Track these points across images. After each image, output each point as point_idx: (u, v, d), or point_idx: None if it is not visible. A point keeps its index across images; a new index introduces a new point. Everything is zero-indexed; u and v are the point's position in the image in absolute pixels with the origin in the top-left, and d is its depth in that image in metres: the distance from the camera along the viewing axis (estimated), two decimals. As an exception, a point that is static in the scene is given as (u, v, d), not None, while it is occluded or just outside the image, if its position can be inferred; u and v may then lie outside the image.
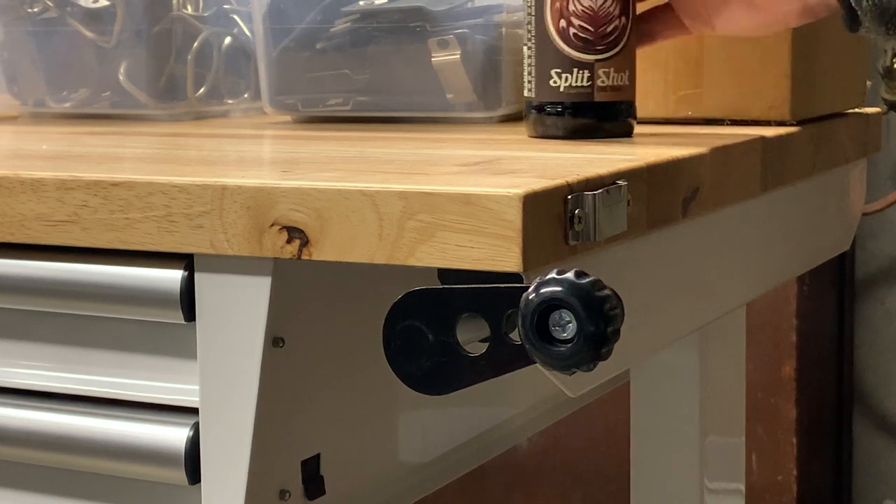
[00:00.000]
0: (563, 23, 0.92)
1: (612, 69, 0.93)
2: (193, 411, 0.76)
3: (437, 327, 0.66)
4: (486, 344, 0.66)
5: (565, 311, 0.62)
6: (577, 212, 0.68)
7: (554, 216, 0.67)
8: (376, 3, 1.12)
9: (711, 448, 1.23)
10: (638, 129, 0.97)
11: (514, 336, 0.64)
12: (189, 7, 1.24)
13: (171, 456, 0.76)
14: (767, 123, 1.04)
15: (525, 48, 0.95)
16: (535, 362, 0.64)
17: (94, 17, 1.22)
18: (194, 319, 0.75)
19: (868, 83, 1.26)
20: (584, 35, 0.92)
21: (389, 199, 0.67)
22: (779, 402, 2.09)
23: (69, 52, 1.24)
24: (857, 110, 1.21)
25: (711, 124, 1.05)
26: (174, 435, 0.76)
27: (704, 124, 1.06)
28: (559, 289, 0.62)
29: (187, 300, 0.75)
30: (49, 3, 1.23)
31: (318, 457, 0.81)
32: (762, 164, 0.96)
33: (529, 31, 0.94)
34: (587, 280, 0.62)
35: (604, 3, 0.92)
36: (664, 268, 0.87)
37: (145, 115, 1.23)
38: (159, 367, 0.78)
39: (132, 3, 1.20)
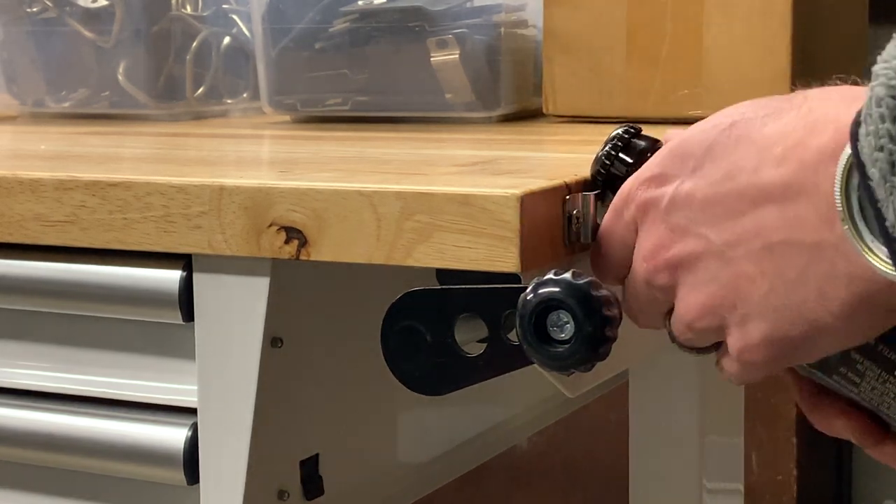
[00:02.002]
0: None
1: None
2: (192, 411, 0.76)
3: (435, 328, 0.66)
4: (485, 344, 0.66)
5: (563, 311, 0.62)
6: (574, 212, 0.68)
7: (552, 217, 0.67)
8: (375, 2, 1.12)
9: (711, 448, 1.23)
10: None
11: (513, 336, 0.64)
12: (188, 7, 1.24)
13: (170, 456, 0.76)
14: (767, 123, 1.04)
15: None
16: (534, 363, 0.64)
17: (93, 17, 1.22)
18: (192, 320, 0.75)
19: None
20: None
21: (387, 200, 0.67)
22: (779, 402, 2.08)
23: (68, 51, 1.24)
24: (856, 110, 1.21)
25: (710, 124, 1.05)
26: (173, 435, 0.76)
27: (704, 124, 1.05)
28: (557, 289, 0.62)
29: (185, 300, 0.75)
30: (48, 3, 1.23)
31: (316, 457, 0.81)
32: (761, 164, 0.96)
33: None
34: (585, 280, 0.62)
35: None
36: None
37: (144, 115, 1.22)
38: (158, 368, 0.78)
39: (131, 3, 1.20)
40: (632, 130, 0.68)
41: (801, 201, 0.57)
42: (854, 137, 0.53)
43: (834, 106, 0.57)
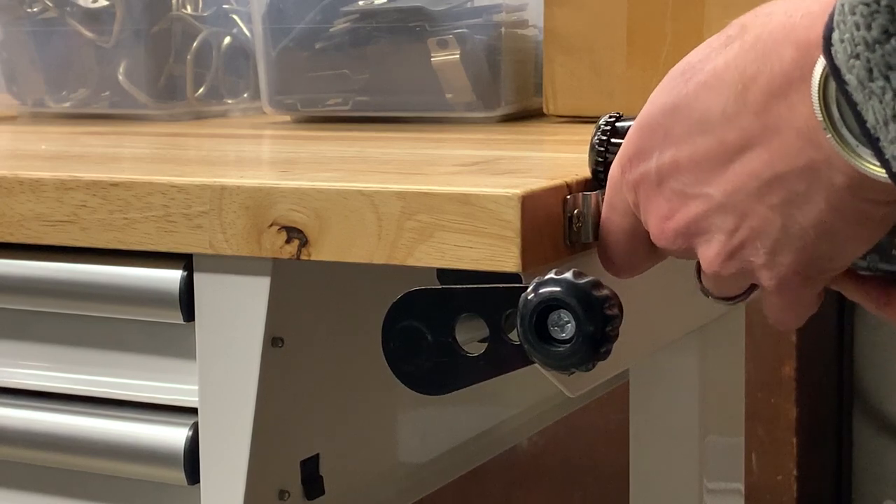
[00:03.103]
0: None
1: None
2: (192, 411, 0.76)
3: (436, 327, 0.66)
4: (485, 344, 0.66)
5: (564, 311, 0.62)
6: (575, 212, 0.68)
7: (553, 216, 0.67)
8: (376, 2, 1.12)
9: (711, 448, 1.23)
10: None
11: (514, 336, 0.64)
12: (188, 7, 1.24)
13: (171, 456, 0.76)
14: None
15: None
16: (534, 362, 0.64)
17: (93, 17, 1.22)
18: (193, 319, 0.75)
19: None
20: None
21: (388, 200, 0.67)
22: (779, 402, 2.08)
23: (68, 51, 1.24)
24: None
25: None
26: (173, 435, 0.76)
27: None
28: (558, 289, 0.62)
29: (186, 300, 0.75)
30: (48, 2, 1.23)
31: (317, 457, 0.81)
32: (761, 163, 0.96)
33: None
34: (586, 280, 0.62)
35: None
36: (663, 267, 0.87)
37: (144, 115, 1.22)
38: (158, 367, 0.78)
39: (131, 3, 1.20)
40: (616, 115, 0.69)
41: (781, 132, 0.57)
42: (828, 42, 0.53)
43: (780, 25, 0.57)
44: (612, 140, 0.69)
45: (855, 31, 0.52)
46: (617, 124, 0.69)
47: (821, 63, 0.55)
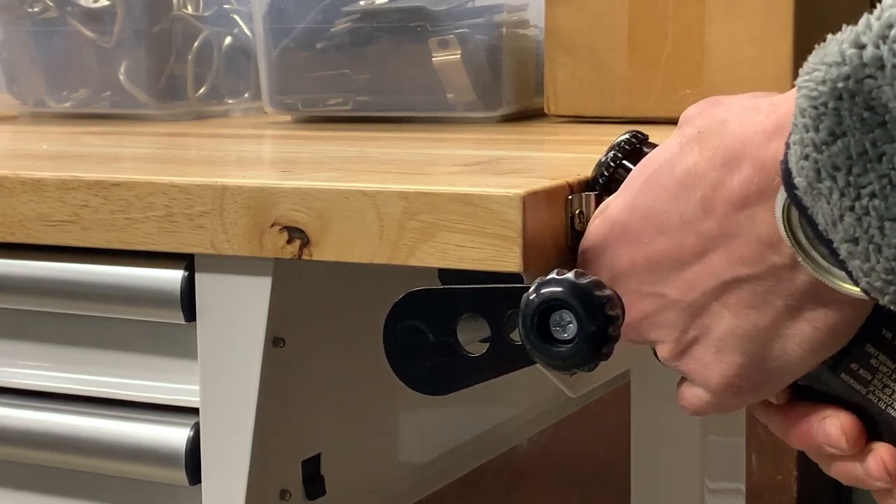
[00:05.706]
0: None
1: None
2: (194, 411, 0.76)
3: (437, 327, 0.66)
4: (487, 344, 0.66)
5: (566, 311, 0.62)
6: (577, 212, 0.68)
7: (555, 216, 0.67)
8: (376, 2, 1.12)
9: (711, 448, 1.23)
10: (639, 128, 0.97)
11: (515, 336, 0.64)
12: (189, 7, 1.24)
13: (172, 456, 0.76)
14: (768, 123, 1.04)
15: None
16: (536, 362, 0.64)
17: (93, 17, 1.22)
18: (195, 319, 0.75)
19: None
20: None
21: (390, 199, 0.67)
22: (779, 402, 2.08)
23: (69, 51, 1.24)
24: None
25: (712, 124, 1.05)
26: (174, 435, 0.76)
27: (705, 124, 1.05)
28: (560, 289, 0.62)
29: (188, 300, 0.75)
30: (49, 2, 1.23)
31: (318, 457, 0.81)
32: (763, 164, 0.96)
33: None
34: (588, 280, 0.62)
35: None
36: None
37: (145, 115, 1.23)
38: (159, 367, 0.78)
39: (132, 3, 1.20)
40: (639, 136, 0.69)
41: (741, 238, 0.59)
42: (786, 172, 0.54)
43: (736, 138, 0.58)
44: (625, 162, 0.68)
45: (804, 132, 0.53)
46: (640, 147, 0.68)
47: (782, 193, 0.56)
